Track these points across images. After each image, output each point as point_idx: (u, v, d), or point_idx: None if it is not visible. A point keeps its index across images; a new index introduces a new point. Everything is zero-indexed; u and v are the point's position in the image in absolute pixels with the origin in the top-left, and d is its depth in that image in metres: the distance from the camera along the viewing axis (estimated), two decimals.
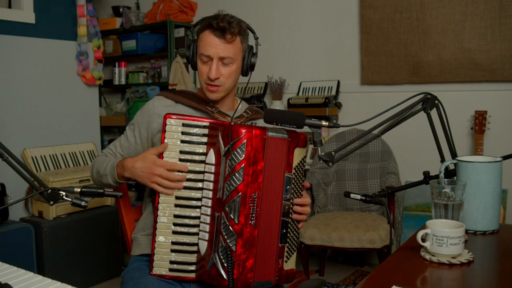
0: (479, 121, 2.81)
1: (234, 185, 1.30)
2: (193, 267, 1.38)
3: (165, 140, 1.39)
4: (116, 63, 4.23)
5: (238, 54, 1.50)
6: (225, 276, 1.30)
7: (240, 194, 1.30)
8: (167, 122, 1.39)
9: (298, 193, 1.45)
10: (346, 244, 2.74)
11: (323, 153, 1.35)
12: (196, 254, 1.38)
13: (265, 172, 1.34)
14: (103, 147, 3.98)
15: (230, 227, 1.31)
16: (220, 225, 1.32)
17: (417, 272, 1.20)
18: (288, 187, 1.40)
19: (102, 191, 1.33)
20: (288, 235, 1.44)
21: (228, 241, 1.31)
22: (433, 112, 1.55)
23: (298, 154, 1.42)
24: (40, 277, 1.07)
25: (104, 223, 3.18)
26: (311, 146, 2.36)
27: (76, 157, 3.33)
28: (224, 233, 1.31)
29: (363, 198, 1.60)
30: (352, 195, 1.61)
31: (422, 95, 1.57)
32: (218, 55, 1.47)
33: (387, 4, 3.15)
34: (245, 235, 1.31)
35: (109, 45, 4.21)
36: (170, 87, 3.79)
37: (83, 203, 1.30)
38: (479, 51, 2.89)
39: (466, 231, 1.43)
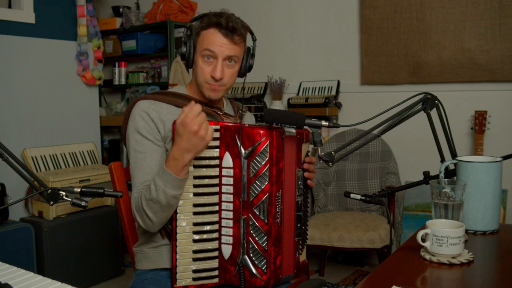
0: (479, 121, 2.81)
1: (262, 186, 1.31)
2: (216, 272, 1.37)
3: None
4: (116, 63, 4.23)
5: (241, 55, 1.47)
6: (259, 276, 1.32)
7: (267, 194, 1.31)
8: None
9: (305, 187, 1.48)
10: (346, 244, 2.74)
11: (323, 153, 1.36)
12: (217, 259, 1.37)
13: (284, 170, 1.36)
14: (103, 147, 3.98)
15: (260, 228, 1.32)
16: (248, 227, 1.33)
17: (417, 272, 1.20)
18: (299, 182, 1.44)
19: (102, 191, 1.32)
20: (302, 228, 1.48)
21: (259, 242, 1.32)
22: (433, 112, 1.55)
23: (304, 150, 1.46)
24: (40, 277, 1.07)
25: (104, 223, 3.18)
26: (311, 146, 2.36)
27: (76, 157, 3.33)
28: (254, 235, 1.33)
29: (363, 198, 1.60)
30: (352, 195, 1.62)
31: (422, 95, 1.57)
32: (224, 55, 1.41)
33: (387, 4, 3.15)
34: (274, 234, 1.33)
35: (109, 45, 4.21)
36: (170, 87, 3.79)
37: (83, 203, 1.29)
38: (479, 51, 2.89)
39: (466, 231, 1.43)
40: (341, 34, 3.42)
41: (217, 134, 1.34)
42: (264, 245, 1.32)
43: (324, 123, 1.32)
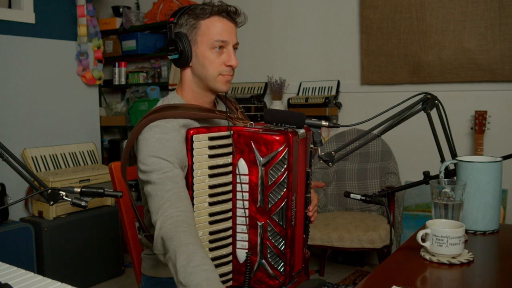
0: (479, 121, 2.81)
1: (280, 193, 1.30)
2: (230, 276, 1.37)
3: (193, 159, 1.26)
4: (116, 63, 4.23)
5: None
6: (277, 278, 1.33)
7: (285, 200, 1.31)
8: (195, 139, 1.27)
9: (310, 186, 1.50)
10: (346, 244, 2.74)
11: (323, 153, 1.36)
12: (231, 264, 1.37)
13: (298, 173, 1.36)
14: (103, 147, 3.98)
15: (278, 234, 1.32)
16: (265, 233, 1.32)
17: (417, 272, 1.20)
18: (308, 182, 1.45)
19: (102, 191, 1.32)
20: (308, 224, 1.50)
21: (278, 246, 1.33)
22: (433, 112, 1.55)
23: (309, 149, 1.47)
24: (40, 277, 1.07)
25: (104, 223, 3.18)
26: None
27: (76, 157, 3.33)
28: (272, 240, 1.33)
29: (363, 198, 1.60)
30: (352, 195, 1.62)
31: (422, 95, 1.57)
32: (234, 42, 1.37)
33: (387, 4, 3.15)
34: (290, 236, 1.34)
35: (109, 45, 4.21)
36: (170, 87, 3.79)
37: (83, 203, 1.29)
38: (479, 51, 2.89)
39: (466, 231, 1.43)
40: (341, 34, 3.42)
41: (230, 141, 1.32)
42: (282, 248, 1.33)
43: (324, 123, 1.32)
